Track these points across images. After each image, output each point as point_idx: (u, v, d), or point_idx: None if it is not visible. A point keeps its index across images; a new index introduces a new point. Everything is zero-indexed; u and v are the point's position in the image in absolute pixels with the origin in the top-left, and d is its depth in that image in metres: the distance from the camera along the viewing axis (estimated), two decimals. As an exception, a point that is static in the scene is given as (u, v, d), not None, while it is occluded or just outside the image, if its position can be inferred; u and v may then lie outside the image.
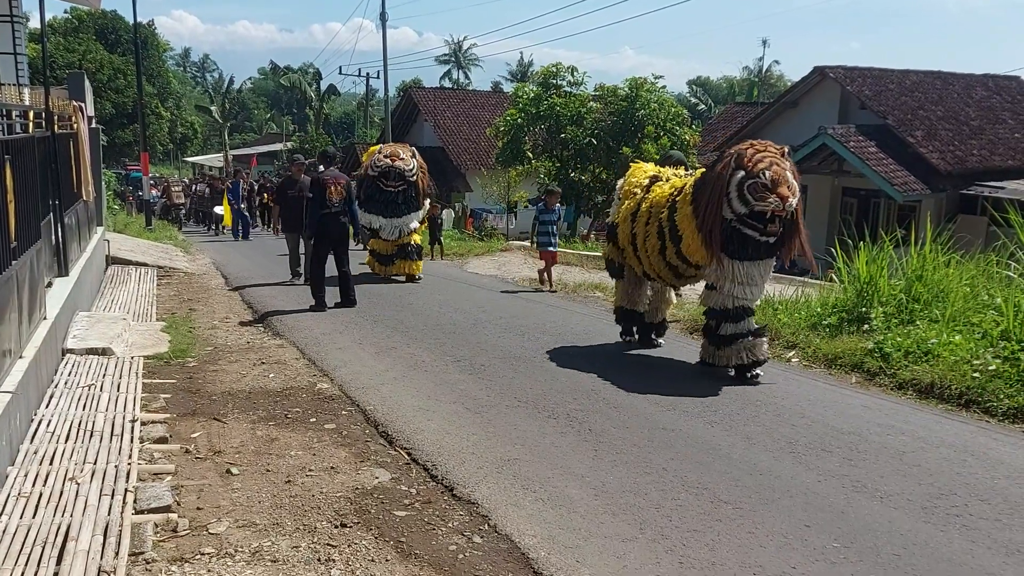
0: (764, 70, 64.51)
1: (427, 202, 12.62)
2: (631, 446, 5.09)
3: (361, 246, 14.56)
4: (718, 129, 28.40)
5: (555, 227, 11.98)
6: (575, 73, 22.38)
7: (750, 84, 58.27)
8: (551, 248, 11.84)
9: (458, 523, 4.08)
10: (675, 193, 6.91)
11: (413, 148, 12.39)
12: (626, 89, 21.39)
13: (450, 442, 5.14)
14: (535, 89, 22.35)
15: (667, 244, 6.85)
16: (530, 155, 22.41)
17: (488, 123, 26.00)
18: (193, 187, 29.39)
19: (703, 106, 53.91)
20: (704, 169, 6.82)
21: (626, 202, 7.52)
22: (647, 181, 7.47)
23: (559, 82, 22.26)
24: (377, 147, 12.13)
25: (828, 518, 4.10)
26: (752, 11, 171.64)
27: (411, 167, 11.83)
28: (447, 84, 65.11)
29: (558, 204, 12.28)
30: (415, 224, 12.16)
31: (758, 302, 7.19)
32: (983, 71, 26.11)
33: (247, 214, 20.97)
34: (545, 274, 11.83)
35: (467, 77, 72.94)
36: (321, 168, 10.71)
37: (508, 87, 49.02)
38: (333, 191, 9.46)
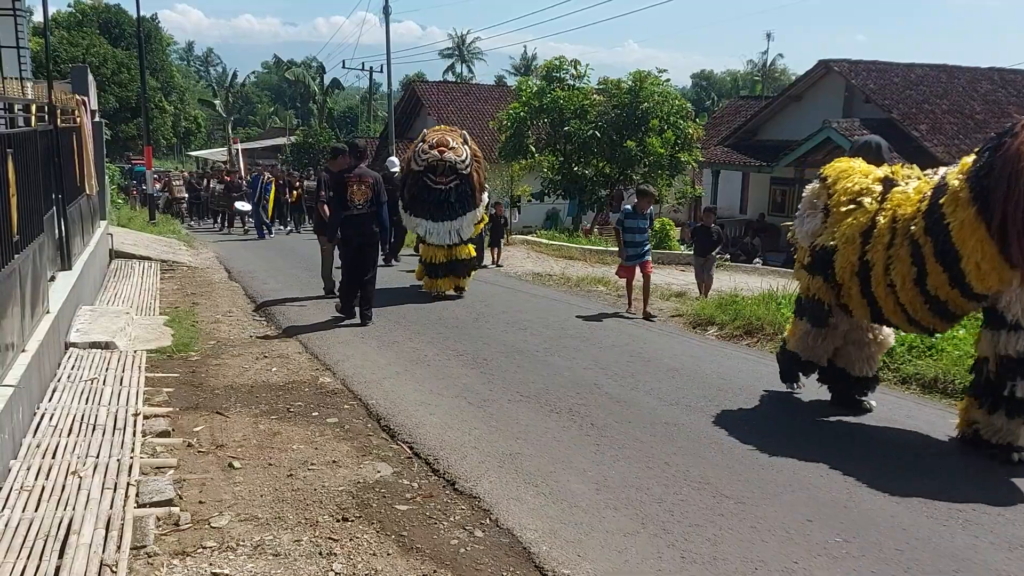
0: (768, 64, 64.36)
1: (485, 197, 10.71)
2: (633, 440, 5.09)
3: (383, 261, 12.26)
4: (722, 123, 28.35)
5: (646, 236, 9.45)
6: (579, 67, 22.35)
7: (754, 78, 58.10)
8: (643, 259, 9.34)
9: (460, 517, 4.08)
10: (932, 196, 4.92)
11: (464, 133, 10.23)
12: (630, 83, 21.34)
13: (452, 436, 5.14)
14: (539, 83, 22.33)
15: (930, 269, 4.84)
16: (533, 149, 22.38)
17: (491, 117, 25.96)
18: (205, 182, 28.39)
19: (707, 101, 53.78)
20: (978, 154, 4.85)
21: (849, 218, 5.36)
22: (878, 186, 5.36)
23: (563, 76, 22.23)
24: (421, 135, 10.18)
25: (830, 513, 4.10)
26: (756, 5, 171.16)
27: (463, 157, 9.77)
28: (450, 78, 65.05)
29: (651, 207, 9.64)
30: (471, 228, 10.19)
31: None
32: (989, 64, 26.02)
33: (262, 213, 19.73)
34: (629, 291, 9.65)
35: (470, 71, 72.90)
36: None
37: (511, 81, 48.96)
38: (356, 191, 8.26)
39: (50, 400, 5.25)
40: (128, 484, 4.04)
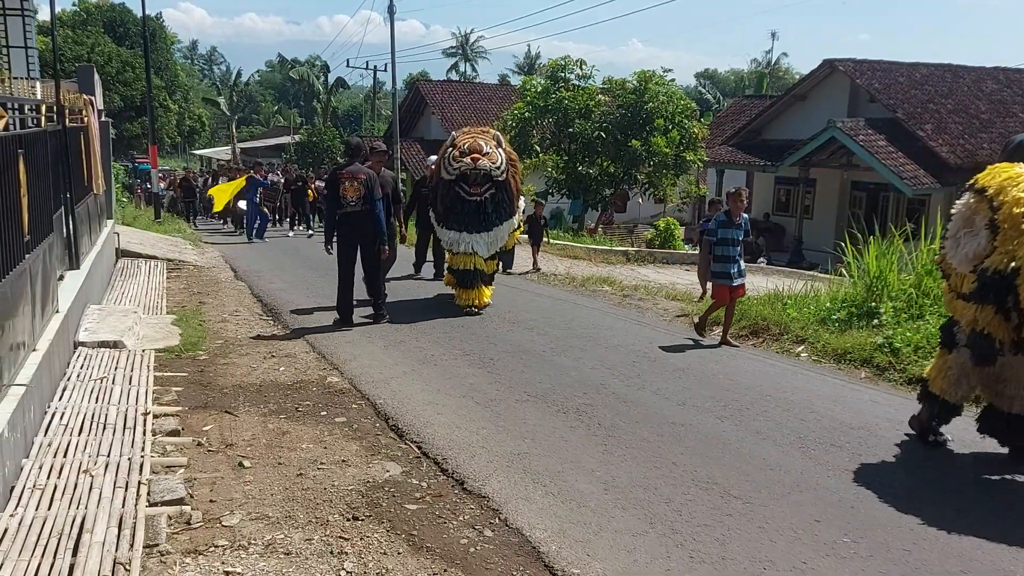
0: (773, 63, 64.30)
1: (521, 202, 9.92)
2: (641, 441, 5.10)
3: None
4: (726, 122, 28.32)
5: (740, 249, 7.88)
6: (583, 66, 22.36)
7: (759, 77, 58.04)
8: (736, 282, 7.71)
9: (469, 517, 4.10)
10: None
11: (497, 134, 9.33)
12: (634, 82, 21.35)
13: (460, 436, 5.16)
14: (543, 82, 22.34)
15: None
16: (537, 148, 22.39)
17: (495, 116, 25.96)
18: (207, 179, 28.03)
19: (710, 97, 53.72)
20: None
21: None
22: None
23: (567, 75, 22.23)
24: (450, 139, 9.22)
25: (838, 513, 4.11)
26: (761, 4, 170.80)
27: (499, 163, 8.88)
28: (454, 77, 65.10)
29: (745, 213, 8.06)
30: (506, 237, 9.57)
31: None
32: (994, 64, 25.97)
33: (266, 212, 18.97)
34: (709, 316, 8.05)
35: (474, 70, 72.95)
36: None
37: (515, 80, 48.99)
38: (348, 187, 8.15)
39: (60, 399, 5.28)
40: (139, 483, 4.07)
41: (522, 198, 9.92)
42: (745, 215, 8.05)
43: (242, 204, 20.04)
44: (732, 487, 4.41)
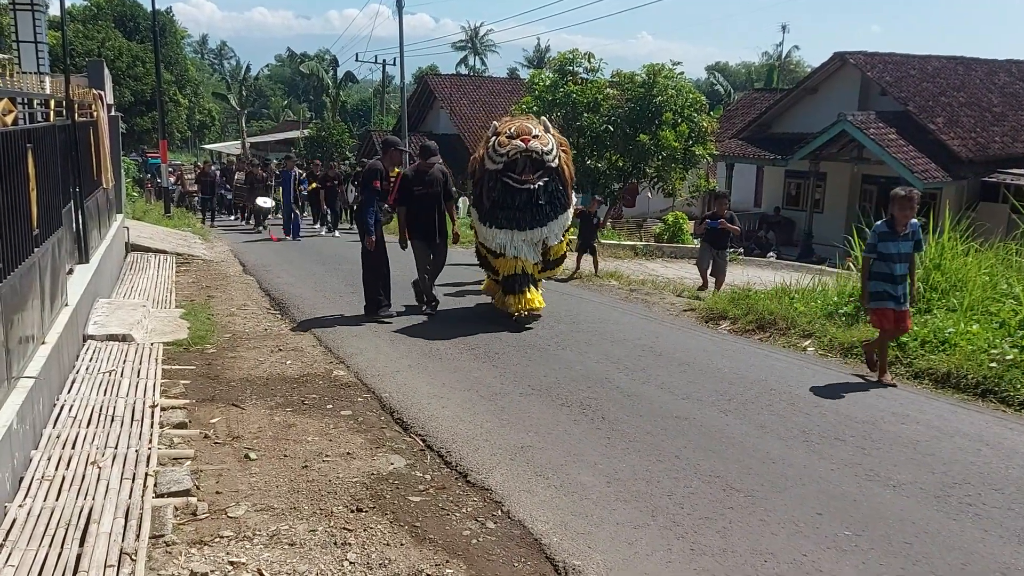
0: (783, 55, 63.98)
1: (574, 198, 8.98)
2: (644, 434, 5.12)
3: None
4: (737, 116, 28.20)
5: (908, 266, 6.29)
6: (592, 59, 22.26)
7: (769, 70, 57.76)
8: (904, 306, 6.26)
9: (472, 509, 4.13)
10: None
11: (544, 120, 8.48)
12: (643, 76, 21.26)
13: (464, 429, 5.19)
14: (551, 76, 22.27)
15: None
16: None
17: (504, 110, 25.92)
18: (221, 175, 26.39)
19: (721, 88, 53.47)
20: None
21: None
22: None
23: (576, 69, 22.15)
24: (492, 128, 8.31)
25: (840, 506, 4.12)
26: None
27: (550, 147, 7.91)
28: (463, 70, 65.07)
29: (915, 219, 6.25)
30: (559, 236, 8.44)
31: None
32: (1007, 56, 25.77)
33: (298, 210, 17.99)
34: (883, 349, 6.41)
35: (483, 63, 72.83)
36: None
37: (525, 73, 48.91)
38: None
39: (69, 391, 5.34)
40: (146, 474, 4.11)
41: (574, 196, 8.91)
42: (915, 221, 6.25)
43: (260, 200, 19.33)
44: (734, 480, 4.42)
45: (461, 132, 32.59)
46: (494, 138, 8.02)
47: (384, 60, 39.91)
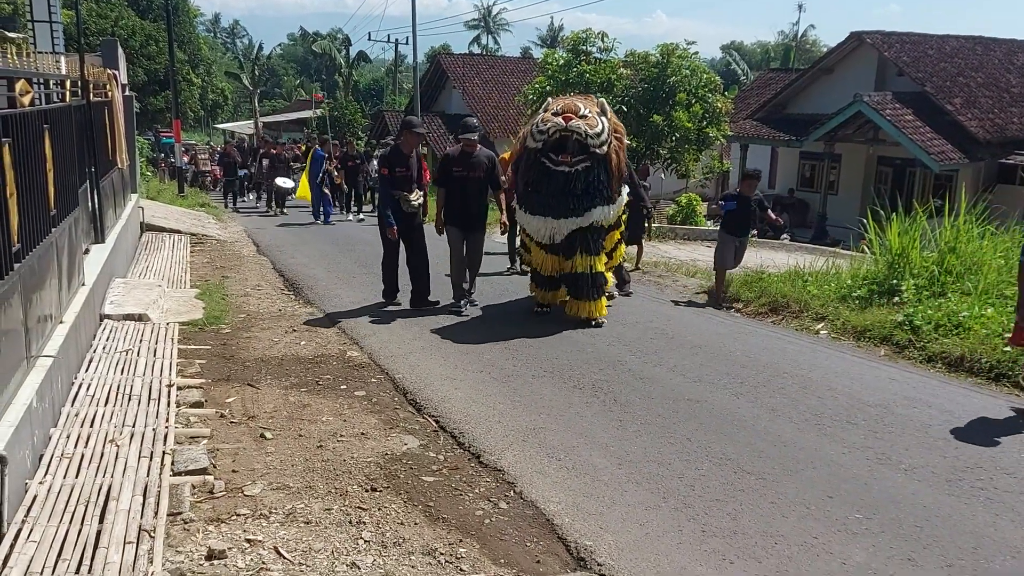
0: (799, 35, 63.22)
1: (624, 193, 7.91)
2: (655, 416, 5.14)
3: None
4: (752, 96, 27.95)
5: None
6: (605, 39, 22.08)
7: (785, 49, 57.15)
8: None
9: (485, 489, 4.17)
10: None
11: (603, 102, 7.62)
12: (657, 55, 21.08)
13: (477, 410, 5.22)
14: (564, 55, 22.11)
15: None
16: (559, 123, 22.21)
17: (517, 90, 25.78)
18: (251, 155, 23.13)
19: (736, 68, 52.98)
20: None
21: None
22: None
23: (589, 48, 21.98)
24: (544, 104, 7.65)
25: (851, 489, 4.13)
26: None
27: (599, 129, 7.14)
28: (476, 50, 64.68)
29: None
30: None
31: None
32: (1027, 36, 25.34)
33: (329, 192, 16.91)
34: None
35: (496, 43, 72.37)
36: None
37: (538, 53, 48.55)
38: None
39: (87, 371, 5.40)
40: (164, 453, 4.17)
41: (625, 189, 7.98)
42: None
43: (279, 181, 18.41)
44: (745, 463, 4.44)
45: (473, 112, 32.44)
46: (540, 114, 7.43)
47: (397, 39, 39.86)
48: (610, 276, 8.02)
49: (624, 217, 8.12)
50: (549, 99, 7.84)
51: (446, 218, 7.82)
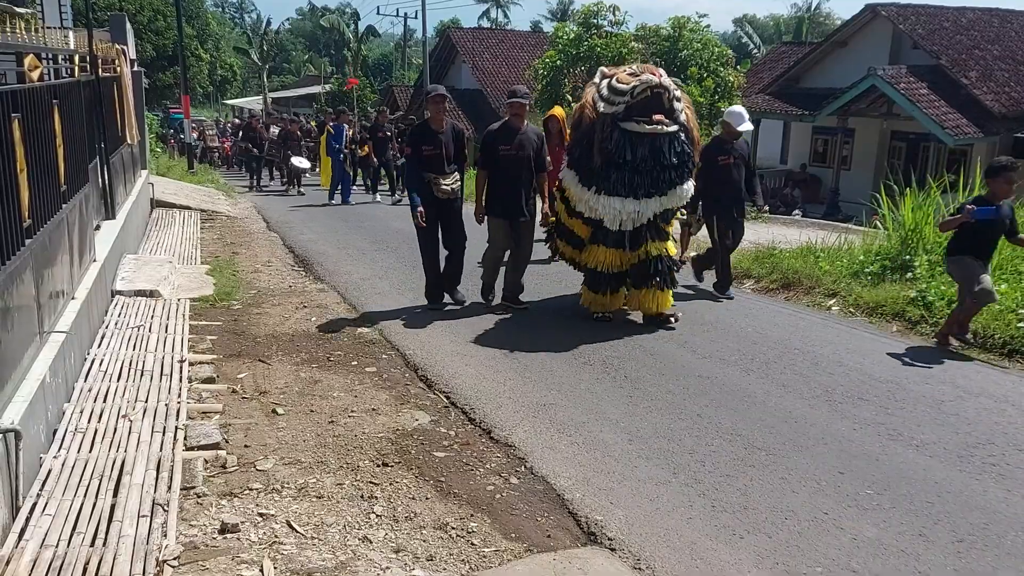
0: (813, 7, 62.34)
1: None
2: (666, 392, 5.14)
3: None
4: (764, 70, 27.63)
5: None
6: (616, 12, 21.84)
7: (798, 22, 56.41)
8: None
9: (495, 464, 4.18)
10: None
11: (661, 71, 6.31)
12: (669, 29, 20.86)
13: (487, 386, 5.23)
14: (575, 29, 21.89)
15: None
16: (570, 98, 22.06)
17: (527, 65, 25.58)
18: (268, 128, 21.90)
19: (749, 41, 52.36)
20: None
21: None
22: None
23: (600, 22, 21.76)
24: (599, 72, 6.57)
25: (862, 465, 4.13)
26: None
27: (678, 95, 6.33)
28: (486, 24, 64.13)
29: None
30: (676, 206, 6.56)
31: None
32: (1045, 8, 24.94)
33: (349, 171, 16.00)
34: None
35: (506, 16, 71.68)
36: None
37: (548, 27, 48.11)
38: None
39: (99, 346, 5.43)
40: (176, 428, 4.20)
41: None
42: None
43: (295, 160, 17.67)
44: (756, 439, 4.44)
45: (483, 87, 32.22)
46: (605, 81, 6.29)
47: (406, 13, 39.50)
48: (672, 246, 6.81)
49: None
50: (603, 68, 6.67)
51: (490, 207, 6.87)
